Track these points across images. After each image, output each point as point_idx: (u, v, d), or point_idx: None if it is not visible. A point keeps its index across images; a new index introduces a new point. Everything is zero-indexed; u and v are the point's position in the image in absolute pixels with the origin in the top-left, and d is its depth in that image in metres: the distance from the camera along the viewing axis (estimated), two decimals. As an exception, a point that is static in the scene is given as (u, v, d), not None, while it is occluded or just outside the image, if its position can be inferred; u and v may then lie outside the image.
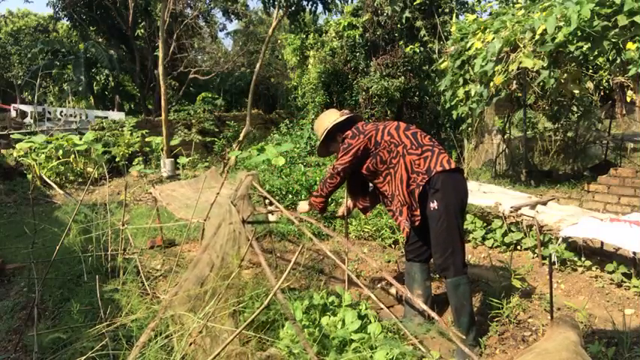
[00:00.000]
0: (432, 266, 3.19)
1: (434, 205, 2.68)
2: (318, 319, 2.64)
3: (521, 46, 5.80)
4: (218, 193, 3.36)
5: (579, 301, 3.43)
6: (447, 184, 2.68)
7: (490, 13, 9.15)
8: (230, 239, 2.59)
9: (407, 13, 11.09)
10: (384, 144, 2.82)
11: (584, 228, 3.70)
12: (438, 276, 3.97)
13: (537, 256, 4.22)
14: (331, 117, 3.10)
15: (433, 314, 2.18)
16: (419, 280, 3.04)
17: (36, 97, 13.72)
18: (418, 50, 11.31)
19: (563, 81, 6.18)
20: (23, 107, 13.22)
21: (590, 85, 9.09)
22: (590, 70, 8.13)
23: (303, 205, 3.35)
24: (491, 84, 6.24)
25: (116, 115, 13.72)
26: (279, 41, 19.40)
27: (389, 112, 11.08)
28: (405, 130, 2.85)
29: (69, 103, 15.39)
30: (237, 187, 3.26)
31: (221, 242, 2.59)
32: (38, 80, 14.09)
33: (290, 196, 5.97)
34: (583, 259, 3.94)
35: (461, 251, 2.72)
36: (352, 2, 12.65)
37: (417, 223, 2.79)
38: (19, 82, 20.50)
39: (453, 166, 2.72)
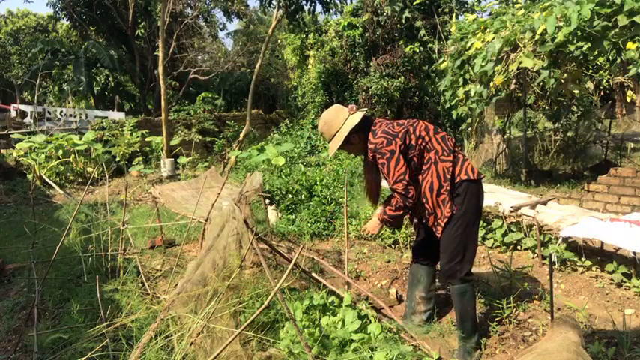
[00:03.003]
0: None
1: (454, 209, 2.63)
2: (318, 319, 2.65)
3: (521, 46, 5.80)
4: (219, 194, 3.36)
5: (579, 301, 3.43)
6: (469, 191, 2.63)
7: (490, 13, 9.16)
8: (233, 241, 2.59)
9: (407, 13, 11.10)
10: (418, 148, 2.62)
11: (584, 228, 3.70)
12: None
13: (537, 256, 4.23)
14: (341, 115, 2.76)
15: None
16: (424, 282, 3.02)
17: (36, 97, 13.74)
18: (418, 50, 11.32)
19: (563, 81, 6.18)
20: (23, 107, 13.25)
21: (590, 85, 9.09)
22: (590, 70, 8.13)
23: (374, 224, 2.90)
24: (491, 84, 6.24)
25: (116, 115, 13.74)
26: (279, 41, 19.41)
27: (389, 112, 11.08)
28: (435, 134, 2.67)
29: (69, 103, 15.41)
30: (242, 188, 3.25)
31: (224, 243, 2.59)
32: (38, 80, 14.11)
33: (290, 196, 5.97)
34: (583, 259, 3.94)
35: (470, 259, 2.69)
36: (352, 2, 12.66)
37: (438, 234, 2.70)
38: (19, 82, 20.51)
39: (476, 176, 2.65)
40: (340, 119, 2.74)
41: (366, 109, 2.88)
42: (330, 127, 2.77)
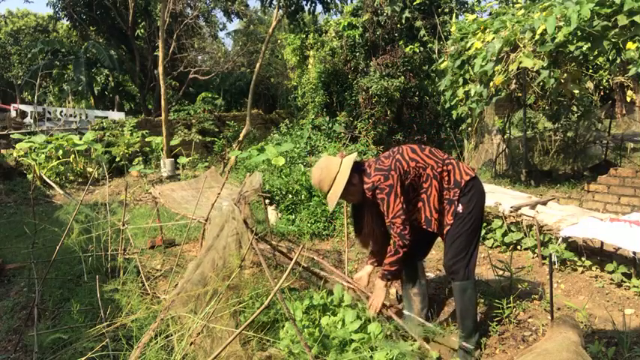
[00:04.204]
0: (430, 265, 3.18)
1: (459, 208, 2.66)
2: (318, 319, 2.65)
3: (521, 46, 5.80)
4: (219, 194, 3.36)
5: (579, 301, 3.43)
6: (475, 189, 2.69)
7: (490, 13, 9.16)
8: (232, 241, 2.59)
9: (407, 13, 11.10)
10: (412, 171, 2.66)
11: (584, 228, 3.70)
12: (432, 275, 3.97)
13: (537, 256, 4.23)
14: (335, 160, 2.73)
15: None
16: (414, 278, 3.04)
17: (36, 97, 13.73)
18: (418, 50, 11.31)
19: (563, 81, 6.18)
20: (23, 107, 13.24)
21: (590, 85, 9.11)
22: (590, 70, 8.13)
23: (378, 296, 2.79)
24: (491, 84, 6.24)
25: (116, 115, 13.74)
26: (279, 41, 19.40)
27: (389, 112, 11.08)
28: (422, 152, 2.72)
29: (69, 103, 15.41)
30: (241, 189, 3.25)
31: (224, 243, 2.59)
32: (38, 80, 14.10)
33: (290, 196, 5.97)
34: (583, 259, 3.94)
35: (473, 256, 2.71)
36: (352, 2, 12.66)
37: (444, 236, 2.75)
38: (19, 82, 20.50)
39: (473, 172, 2.73)
40: (336, 163, 2.72)
41: (355, 152, 2.86)
42: (329, 171, 2.70)
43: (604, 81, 8.96)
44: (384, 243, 2.87)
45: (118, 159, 10.32)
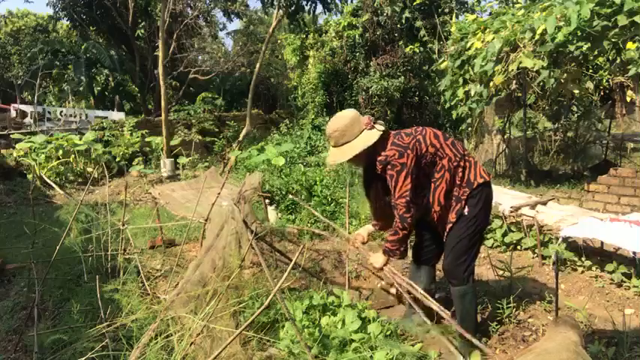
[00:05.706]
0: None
1: (465, 210, 2.62)
2: (318, 319, 2.64)
3: (521, 46, 5.80)
4: (219, 194, 3.36)
5: (579, 301, 3.43)
6: (485, 195, 2.64)
7: (490, 13, 9.16)
8: (232, 240, 2.59)
9: (407, 13, 11.11)
10: (429, 156, 2.57)
11: (584, 228, 3.70)
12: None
13: (537, 256, 4.23)
14: (356, 127, 2.59)
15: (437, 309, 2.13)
16: (425, 282, 3.01)
17: (36, 97, 13.73)
18: (418, 50, 11.32)
19: (563, 81, 6.18)
20: (23, 107, 13.26)
21: (590, 85, 9.10)
22: (590, 70, 8.13)
23: (377, 259, 2.80)
24: (491, 84, 6.24)
25: (116, 115, 13.75)
26: (279, 41, 19.40)
27: (389, 112, 11.08)
28: (445, 140, 2.63)
29: (69, 103, 15.41)
30: (241, 188, 3.24)
31: (223, 243, 2.59)
32: (38, 80, 14.10)
33: (290, 196, 5.97)
34: (583, 259, 3.95)
35: (473, 260, 2.69)
36: (352, 2, 12.66)
37: (445, 234, 2.71)
38: (19, 82, 20.49)
39: (489, 177, 2.67)
40: (354, 131, 2.59)
41: (383, 126, 2.66)
42: (342, 136, 2.60)
43: (604, 81, 8.95)
44: (389, 216, 2.78)
45: (118, 159, 10.32)
